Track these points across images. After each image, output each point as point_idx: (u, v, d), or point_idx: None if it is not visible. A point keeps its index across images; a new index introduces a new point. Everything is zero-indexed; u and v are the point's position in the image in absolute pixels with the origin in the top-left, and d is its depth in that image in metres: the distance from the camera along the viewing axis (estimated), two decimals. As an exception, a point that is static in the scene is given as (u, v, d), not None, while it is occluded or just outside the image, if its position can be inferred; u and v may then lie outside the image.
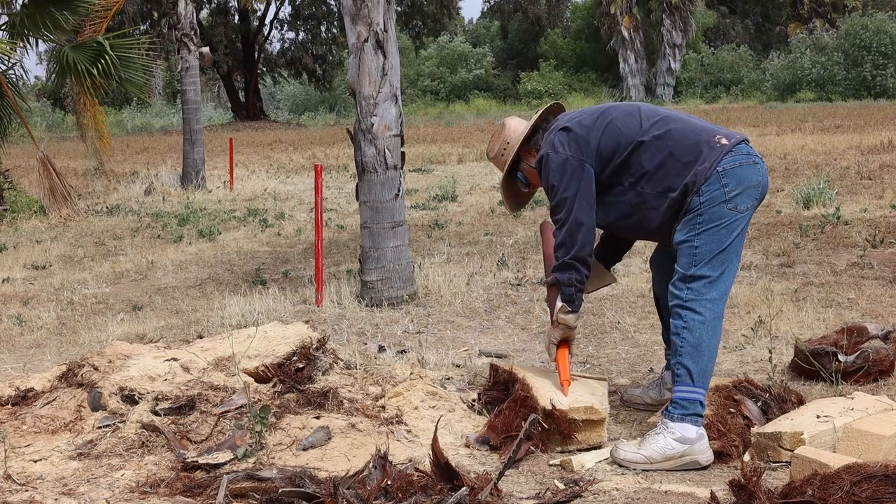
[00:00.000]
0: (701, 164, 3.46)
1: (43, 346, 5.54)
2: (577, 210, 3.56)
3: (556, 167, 3.59)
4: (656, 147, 3.54)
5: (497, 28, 52.17)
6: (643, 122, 3.61)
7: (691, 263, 3.47)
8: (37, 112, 34.25)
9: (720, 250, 3.46)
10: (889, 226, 8.35)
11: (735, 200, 3.46)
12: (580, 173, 3.57)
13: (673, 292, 3.51)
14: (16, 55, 12.47)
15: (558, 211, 3.61)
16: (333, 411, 3.80)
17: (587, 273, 3.66)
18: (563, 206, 3.59)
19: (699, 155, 3.49)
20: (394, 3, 6.26)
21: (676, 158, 3.51)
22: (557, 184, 3.59)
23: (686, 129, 3.58)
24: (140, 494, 3.16)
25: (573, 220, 3.56)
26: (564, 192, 3.57)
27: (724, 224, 3.46)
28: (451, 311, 6.01)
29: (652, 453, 3.36)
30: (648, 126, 3.59)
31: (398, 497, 2.85)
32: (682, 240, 3.50)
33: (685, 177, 3.48)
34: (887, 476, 2.76)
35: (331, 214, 10.99)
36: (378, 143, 6.12)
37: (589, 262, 3.65)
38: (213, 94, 48.47)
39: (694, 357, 3.42)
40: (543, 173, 3.67)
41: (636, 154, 3.56)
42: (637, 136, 3.57)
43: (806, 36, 40.50)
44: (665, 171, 3.51)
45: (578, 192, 3.56)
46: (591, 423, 3.57)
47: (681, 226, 3.50)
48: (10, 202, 11.97)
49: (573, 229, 3.57)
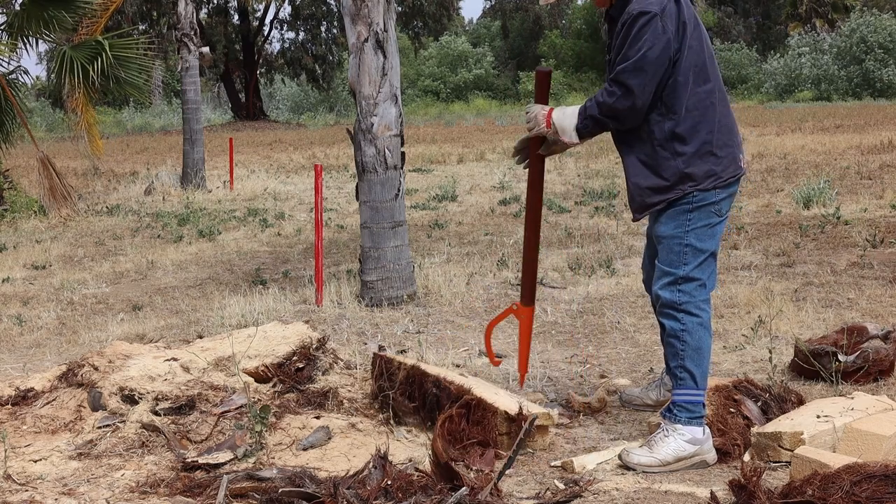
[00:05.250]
0: (719, 166, 3.39)
1: (43, 346, 5.54)
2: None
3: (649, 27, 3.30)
4: (709, 106, 3.39)
5: (498, 28, 52.20)
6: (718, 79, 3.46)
7: (681, 262, 3.41)
8: (37, 112, 34.27)
9: (710, 252, 3.44)
10: (889, 226, 8.35)
11: (720, 204, 3.44)
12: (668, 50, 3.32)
13: (663, 295, 3.44)
14: (15, 55, 12.48)
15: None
16: (333, 411, 3.80)
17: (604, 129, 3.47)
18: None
19: (725, 158, 3.41)
20: (394, 3, 6.26)
21: (713, 135, 3.38)
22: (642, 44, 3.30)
23: (732, 122, 3.50)
24: (140, 494, 3.16)
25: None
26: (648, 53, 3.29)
27: (710, 224, 3.42)
28: (451, 311, 6.01)
29: (665, 456, 3.37)
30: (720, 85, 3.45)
31: (398, 497, 2.85)
32: (671, 234, 3.43)
33: (703, 160, 3.37)
34: (887, 476, 2.76)
35: (331, 214, 10.99)
36: (378, 143, 6.12)
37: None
38: (213, 94, 48.47)
39: (695, 360, 3.42)
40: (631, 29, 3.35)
41: (690, 91, 3.36)
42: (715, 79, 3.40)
43: (804, 35, 40.54)
44: (696, 131, 3.36)
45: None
46: (543, 428, 3.61)
47: (665, 218, 3.43)
48: (10, 202, 11.97)
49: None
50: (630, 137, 3.46)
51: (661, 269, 3.47)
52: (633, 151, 3.46)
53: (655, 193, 3.42)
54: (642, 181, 3.44)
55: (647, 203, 3.46)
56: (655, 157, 3.40)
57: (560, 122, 3.51)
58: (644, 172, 3.43)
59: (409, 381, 3.70)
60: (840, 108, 29.81)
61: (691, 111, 3.37)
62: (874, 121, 21.91)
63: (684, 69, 3.35)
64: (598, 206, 10.40)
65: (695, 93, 3.37)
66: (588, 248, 8.05)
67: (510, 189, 12.63)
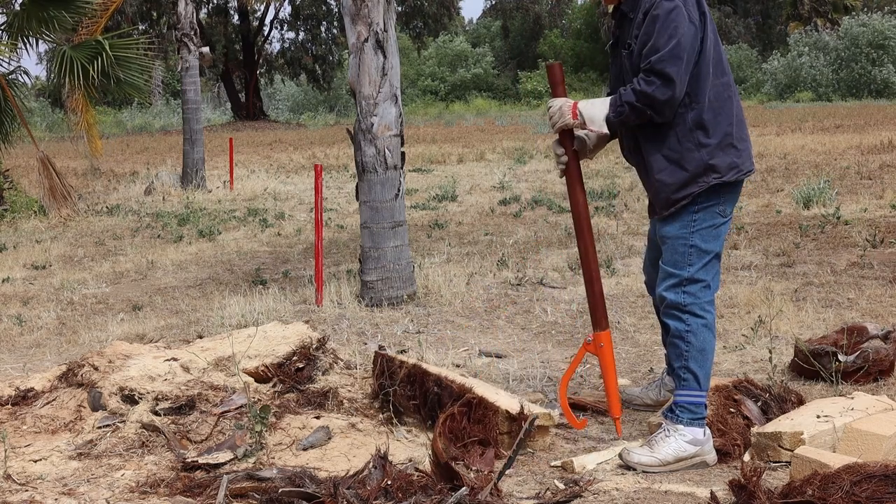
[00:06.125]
0: (740, 158, 3.40)
1: (43, 346, 5.54)
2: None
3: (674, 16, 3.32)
4: (727, 98, 3.41)
5: (498, 28, 52.20)
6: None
7: (686, 263, 3.42)
8: (37, 112, 34.24)
9: (714, 254, 3.44)
10: (889, 226, 8.35)
11: (725, 204, 3.45)
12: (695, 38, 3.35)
13: (668, 296, 3.45)
14: (15, 55, 12.47)
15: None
16: (333, 411, 3.80)
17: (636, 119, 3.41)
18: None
19: (744, 151, 3.43)
20: (394, 3, 6.26)
21: (732, 127, 3.40)
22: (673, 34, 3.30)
23: (744, 117, 3.53)
24: (140, 494, 3.16)
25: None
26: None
27: (715, 226, 3.43)
28: (451, 311, 6.01)
29: (666, 456, 3.37)
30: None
31: (398, 497, 2.85)
32: (676, 235, 3.44)
33: (725, 152, 3.38)
34: (887, 476, 2.76)
35: (331, 214, 10.99)
36: (378, 143, 6.12)
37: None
38: (213, 94, 48.47)
39: (699, 361, 3.43)
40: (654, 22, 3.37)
41: (710, 82, 3.38)
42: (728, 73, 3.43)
43: (805, 35, 40.53)
44: (718, 123, 3.38)
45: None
46: (544, 428, 3.61)
47: (671, 218, 3.43)
48: (10, 202, 11.96)
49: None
50: (655, 134, 3.43)
51: (666, 271, 3.47)
52: (659, 149, 3.43)
53: (681, 188, 3.40)
54: (667, 177, 3.42)
55: (672, 199, 3.43)
56: (680, 149, 3.39)
57: (588, 111, 3.46)
58: (669, 168, 3.41)
59: (410, 380, 3.71)
60: (840, 108, 29.81)
61: (713, 102, 3.38)
62: (874, 121, 21.91)
63: (706, 59, 3.36)
64: (598, 206, 10.40)
65: (715, 84, 3.39)
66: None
67: (510, 189, 12.63)
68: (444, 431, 3.35)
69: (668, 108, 3.33)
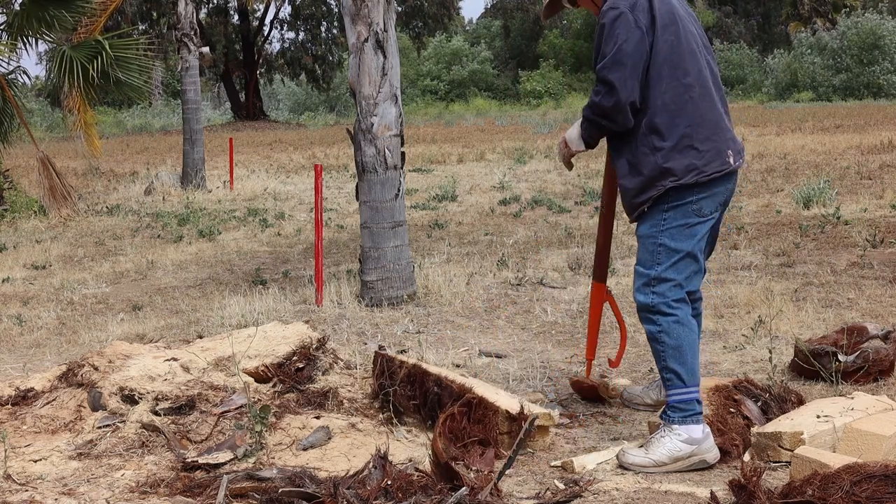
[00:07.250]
0: (701, 160, 3.36)
1: (43, 346, 5.54)
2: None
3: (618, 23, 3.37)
4: (687, 100, 3.39)
5: (498, 27, 52.21)
6: (701, 66, 3.45)
7: (655, 262, 3.42)
8: (37, 112, 34.28)
9: (685, 252, 3.41)
10: (889, 226, 8.35)
11: (699, 204, 3.42)
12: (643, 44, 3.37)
13: (638, 299, 3.46)
14: (15, 55, 12.48)
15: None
16: (333, 411, 3.80)
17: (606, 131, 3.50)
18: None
19: (708, 152, 3.38)
20: (394, 3, 6.26)
21: (693, 129, 3.37)
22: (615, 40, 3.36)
23: (718, 116, 3.48)
24: (140, 494, 3.16)
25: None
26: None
27: (688, 225, 3.41)
28: (451, 311, 6.01)
29: (660, 456, 3.35)
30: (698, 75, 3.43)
31: (398, 497, 2.85)
32: (646, 234, 3.46)
33: (682, 154, 3.35)
34: (887, 476, 2.76)
35: (331, 214, 10.99)
36: (378, 143, 6.12)
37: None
38: (213, 94, 48.47)
39: (677, 358, 3.40)
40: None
41: (665, 86, 3.37)
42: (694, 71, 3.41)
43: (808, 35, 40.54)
44: (674, 125, 3.36)
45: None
46: (544, 428, 3.61)
47: (645, 217, 3.45)
48: (10, 202, 11.96)
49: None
50: (619, 140, 3.50)
51: (637, 270, 3.50)
52: (622, 154, 3.49)
53: (640, 193, 3.43)
54: (628, 182, 3.47)
55: (634, 203, 3.48)
56: (637, 153, 3.42)
57: (569, 136, 3.66)
58: (630, 173, 3.46)
59: (410, 380, 3.70)
60: (840, 108, 29.81)
61: (668, 105, 3.38)
62: (874, 121, 21.91)
63: (657, 63, 3.37)
64: (598, 206, 10.38)
65: (672, 87, 3.38)
66: (588, 248, 8.04)
67: (510, 189, 12.63)
68: (444, 431, 3.34)
69: (620, 115, 3.37)
